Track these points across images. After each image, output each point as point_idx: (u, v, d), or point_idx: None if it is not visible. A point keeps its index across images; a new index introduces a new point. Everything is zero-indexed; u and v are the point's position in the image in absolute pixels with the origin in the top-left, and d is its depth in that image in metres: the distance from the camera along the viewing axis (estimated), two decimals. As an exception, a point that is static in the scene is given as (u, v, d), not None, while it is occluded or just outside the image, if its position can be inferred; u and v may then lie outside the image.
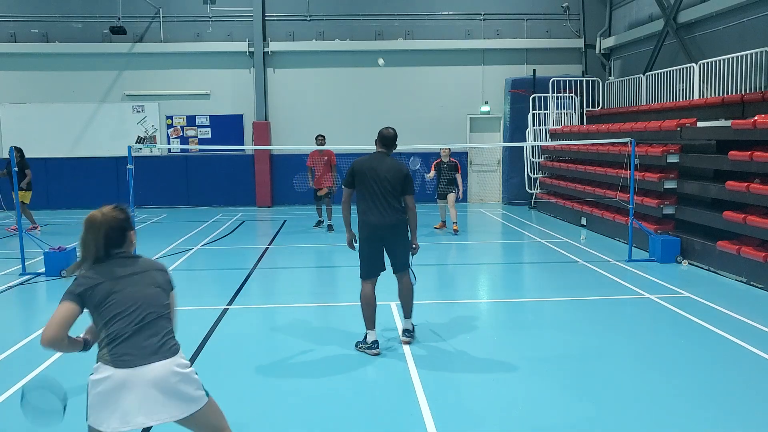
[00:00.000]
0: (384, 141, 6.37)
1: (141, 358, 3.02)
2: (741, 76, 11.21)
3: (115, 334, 3.06)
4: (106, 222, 3.14)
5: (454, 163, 13.01)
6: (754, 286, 8.31)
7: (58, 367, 5.68)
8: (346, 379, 5.38)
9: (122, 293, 3.09)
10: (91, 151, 18.33)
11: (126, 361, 3.01)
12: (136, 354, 3.02)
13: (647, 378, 5.28)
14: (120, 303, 3.08)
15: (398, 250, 6.23)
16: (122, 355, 3.02)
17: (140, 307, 3.10)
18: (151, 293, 3.15)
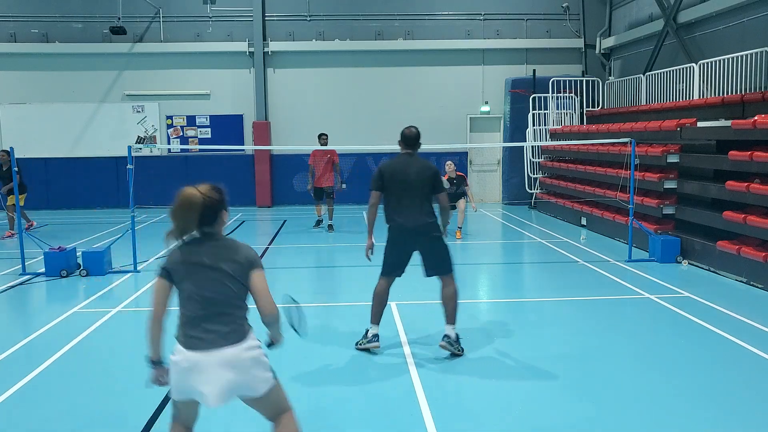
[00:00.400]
0: (407, 141, 6.23)
1: (209, 342, 3.14)
2: (741, 76, 11.21)
3: (188, 316, 3.21)
4: (203, 201, 3.23)
5: (461, 177, 12.57)
6: (754, 286, 8.31)
7: (59, 365, 5.69)
8: (346, 379, 5.38)
9: (199, 275, 3.20)
10: (91, 151, 18.33)
11: (196, 344, 3.15)
12: (204, 338, 3.14)
13: (647, 378, 5.28)
14: (195, 284, 3.20)
15: (434, 253, 5.97)
16: (192, 338, 3.17)
17: (213, 291, 3.19)
18: (226, 278, 3.21)
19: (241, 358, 3.16)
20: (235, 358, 3.14)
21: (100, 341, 6.43)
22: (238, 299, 3.26)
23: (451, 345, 5.84)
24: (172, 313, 3.32)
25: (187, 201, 3.26)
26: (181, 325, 3.23)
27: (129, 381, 5.36)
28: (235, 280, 3.24)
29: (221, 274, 3.22)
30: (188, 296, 3.21)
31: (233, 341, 3.16)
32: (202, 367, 3.13)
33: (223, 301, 3.20)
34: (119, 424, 4.56)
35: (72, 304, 7.80)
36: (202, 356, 3.13)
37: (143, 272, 9.57)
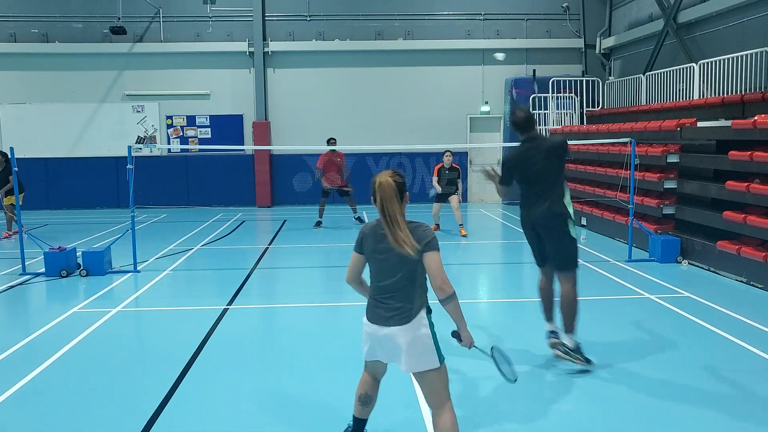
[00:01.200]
0: (517, 126, 5.61)
1: (381, 319, 3.60)
2: (741, 76, 11.21)
3: (371, 291, 3.71)
4: (387, 185, 3.52)
5: (456, 170, 12.75)
6: (754, 286, 8.31)
7: (59, 365, 5.69)
8: (346, 379, 5.38)
9: (381, 254, 3.59)
10: (91, 151, 18.33)
11: (371, 318, 3.65)
12: (377, 315, 3.62)
13: (647, 378, 5.28)
14: (376, 262, 3.64)
15: (551, 245, 5.46)
16: (369, 311, 3.68)
17: (389, 272, 3.58)
18: (400, 261, 3.53)
19: (402, 337, 3.56)
20: (397, 336, 3.57)
21: (100, 341, 6.43)
22: (412, 278, 3.63)
23: (569, 354, 5.36)
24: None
25: (377, 186, 3.61)
26: (369, 297, 3.76)
27: (129, 381, 5.36)
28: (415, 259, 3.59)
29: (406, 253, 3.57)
30: (373, 271, 3.75)
31: (397, 323, 3.58)
32: (375, 337, 3.66)
33: (399, 279, 3.63)
34: (119, 424, 4.56)
35: (72, 304, 7.80)
36: (374, 328, 3.67)
37: (143, 272, 9.57)
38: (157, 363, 5.80)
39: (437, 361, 3.57)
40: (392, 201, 3.50)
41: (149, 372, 5.58)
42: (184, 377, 5.41)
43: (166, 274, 9.52)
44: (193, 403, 4.90)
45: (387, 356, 3.69)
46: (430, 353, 3.56)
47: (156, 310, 7.80)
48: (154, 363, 5.82)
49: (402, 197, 3.57)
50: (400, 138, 17.80)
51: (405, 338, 3.53)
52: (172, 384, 5.24)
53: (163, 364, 5.73)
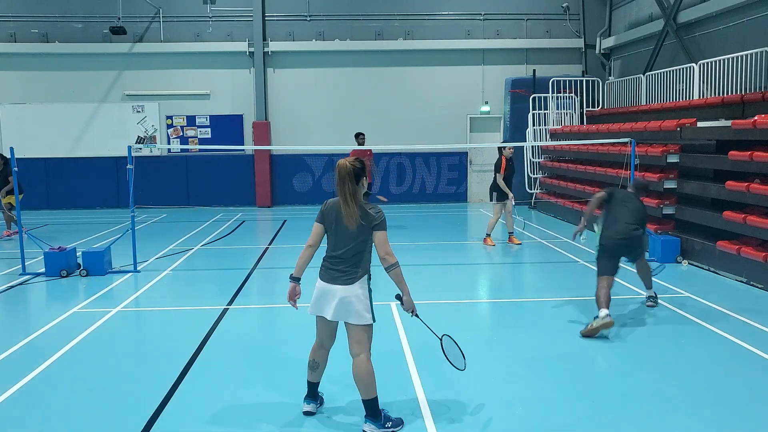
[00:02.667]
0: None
1: (331, 279, 4.42)
2: (741, 76, 11.21)
3: (326, 256, 4.49)
4: (343, 167, 4.26)
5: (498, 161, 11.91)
6: (754, 286, 8.31)
7: (59, 365, 5.69)
8: (346, 379, 5.37)
9: (338, 226, 4.36)
10: (91, 151, 18.33)
11: (323, 277, 4.49)
12: (328, 275, 4.44)
13: (647, 378, 5.28)
14: (333, 233, 4.43)
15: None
16: (323, 272, 4.50)
17: (343, 242, 4.37)
18: (352, 235, 4.32)
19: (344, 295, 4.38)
20: (342, 294, 4.39)
21: (100, 341, 6.43)
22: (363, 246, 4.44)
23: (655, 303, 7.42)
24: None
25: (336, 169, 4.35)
26: (323, 259, 4.57)
27: (129, 381, 5.37)
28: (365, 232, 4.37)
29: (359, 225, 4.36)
30: (330, 239, 4.56)
31: (344, 283, 4.40)
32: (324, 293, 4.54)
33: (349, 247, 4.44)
34: (119, 424, 4.56)
35: (72, 304, 7.80)
36: (325, 286, 4.58)
37: (143, 272, 9.58)
38: (157, 363, 5.80)
39: (370, 318, 4.37)
40: (345, 182, 4.23)
41: (149, 372, 5.58)
42: (184, 377, 5.41)
43: (166, 274, 9.52)
44: (193, 403, 4.90)
45: (329, 310, 4.39)
46: (365, 311, 4.34)
47: (156, 310, 7.80)
48: (154, 363, 5.82)
49: (357, 181, 4.27)
50: (400, 138, 17.80)
51: (345, 295, 4.32)
52: (173, 384, 5.25)
53: (163, 364, 5.73)
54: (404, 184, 18.74)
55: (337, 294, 4.34)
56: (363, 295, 4.35)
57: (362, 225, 4.27)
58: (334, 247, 4.41)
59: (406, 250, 11.31)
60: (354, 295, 4.32)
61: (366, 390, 4.38)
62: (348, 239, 4.33)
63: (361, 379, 4.38)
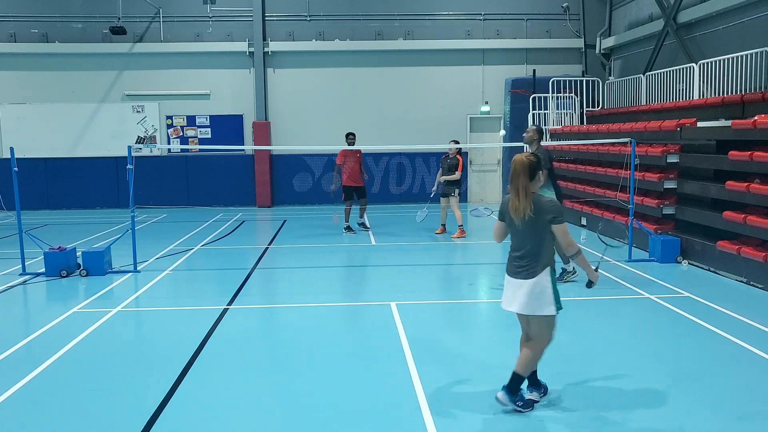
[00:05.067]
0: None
1: (513, 273, 4.54)
2: (741, 76, 11.21)
3: (510, 250, 4.60)
4: (519, 162, 4.38)
5: (455, 160, 12.38)
6: (754, 286, 8.31)
7: (59, 365, 5.69)
8: (346, 379, 5.38)
9: (512, 219, 4.47)
10: (91, 151, 18.33)
11: (508, 271, 4.60)
12: (511, 270, 4.57)
13: (647, 378, 5.28)
14: (512, 229, 4.54)
15: None
16: (507, 265, 4.61)
17: (517, 234, 4.51)
18: (528, 229, 4.42)
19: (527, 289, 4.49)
20: (524, 287, 4.50)
21: (100, 341, 6.43)
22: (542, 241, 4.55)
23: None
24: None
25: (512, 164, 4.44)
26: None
27: (129, 381, 5.37)
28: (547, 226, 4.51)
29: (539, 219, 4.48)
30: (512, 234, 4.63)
31: (525, 277, 4.50)
32: (509, 286, 4.59)
33: (530, 241, 4.55)
34: (119, 424, 4.56)
35: (72, 304, 7.80)
36: (509, 279, 4.61)
37: (143, 272, 9.58)
38: (157, 363, 5.80)
39: (553, 310, 4.50)
40: (520, 176, 4.34)
41: (149, 372, 5.58)
42: (184, 377, 5.41)
43: (166, 274, 9.52)
44: (194, 403, 4.90)
45: (516, 304, 4.52)
46: (548, 303, 4.46)
47: (156, 310, 7.80)
48: (154, 363, 5.82)
49: (533, 176, 4.36)
50: (400, 138, 17.80)
51: (528, 288, 4.44)
52: (173, 384, 5.24)
53: (163, 364, 5.73)
54: (404, 184, 18.74)
55: (521, 287, 4.46)
56: (545, 288, 4.45)
57: (534, 219, 4.37)
58: (513, 241, 4.58)
59: (407, 250, 11.32)
60: (536, 287, 4.44)
61: (523, 366, 4.55)
62: (523, 233, 4.46)
63: (527, 357, 4.55)
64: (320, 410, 4.75)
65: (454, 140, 12.91)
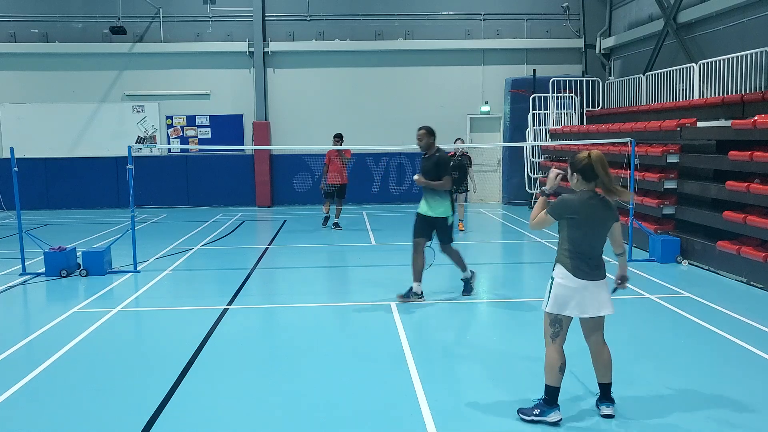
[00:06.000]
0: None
1: (594, 276, 4.36)
2: (741, 76, 11.21)
3: (579, 252, 4.36)
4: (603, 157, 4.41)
5: (466, 159, 12.85)
6: (754, 286, 8.31)
7: (59, 365, 5.69)
8: (346, 379, 5.38)
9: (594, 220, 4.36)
10: (91, 151, 18.33)
11: (585, 276, 4.34)
12: (590, 274, 4.36)
13: (647, 378, 5.28)
14: (586, 228, 4.35)
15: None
16: (581, 270, 4.35)
17: (597, 234, 4.39)
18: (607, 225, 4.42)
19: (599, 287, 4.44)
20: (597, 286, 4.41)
21: (100, 341, 6.43)
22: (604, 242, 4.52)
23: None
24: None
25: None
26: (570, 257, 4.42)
27: (129, 381, 5.37)
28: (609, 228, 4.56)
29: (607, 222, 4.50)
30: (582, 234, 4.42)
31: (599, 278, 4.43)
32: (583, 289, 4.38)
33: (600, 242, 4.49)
34: (119, 424, 4.56)
35: (72, 304, 7.80)
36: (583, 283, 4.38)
37: (143, 272, 9.58)
38: (157, 363, 5.80)
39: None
40: (608, 171, 4.37)
41: (149, 372, 5.57)
42: (184, 377, 5.41)
43: (166, 274, 9.52)
44: (194, 403, 4.90)
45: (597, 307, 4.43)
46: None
47: (156, 310, 7.80)
48: (154, 363, 5.82)
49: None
50: (400, 138, 17.77)
51: (606, 287, 4.43)
52: (173, 384, 5.24)
53: (163, 364, 5.73)
54: (404, 184, 18.74)
55: (603, 288, 4.39)
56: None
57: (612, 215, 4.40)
58: (585, 242, 4.35)
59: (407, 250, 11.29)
60: (605, 287, 4.42)
61: (609, 373, 4.57)
62: (602, 233, 4.40)
63: (610, 363, 4.56)
64: (320, 410, 4.75)
65: (459, 138, 13.46)
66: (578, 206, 4.32)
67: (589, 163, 4.31)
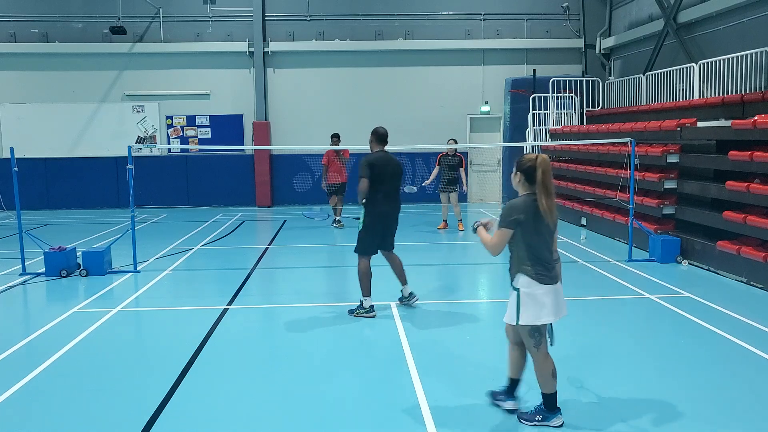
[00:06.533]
0: (380, 139, 7.49)
1: (555, 279, 4.38)
2: (741, 76, 11.21)
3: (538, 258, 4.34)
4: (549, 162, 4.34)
5: (458, 158, 13.10)
6: (754, 286, 8.31)
7: (59, 365, 5.69)
8: (346, 379, 5.38)
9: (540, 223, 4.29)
10: (91, 151, 18.33)
11: (549, 281, 4.33)
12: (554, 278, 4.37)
13: (647, 378, 5.28)
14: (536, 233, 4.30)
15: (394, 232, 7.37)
16: (545, 276, 4.33)
17: (549, 237, 4.36)
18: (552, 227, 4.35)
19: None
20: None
21: (100, 341, 6.43)
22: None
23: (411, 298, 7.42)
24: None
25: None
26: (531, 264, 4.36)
27: (129, 381, 5.37)
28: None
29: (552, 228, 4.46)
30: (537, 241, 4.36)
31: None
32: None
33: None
34: (119, 424, 4.56)
35: (72, 304, 7.81)
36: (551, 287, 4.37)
37: (143, 272, 9.58)
38: (158, 363, 5.80)
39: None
40: (551, 177, 4.30)
41: (149, 372, 5.58)
42: (184, 377, 5.41)
43: (166, 274, 9.52)
44: (194, 403, 4.90)
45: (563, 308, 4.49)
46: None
47: (156, 310, 7.80)
48: (155, 363, 5.82)
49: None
50: (400, 138, 17.76)
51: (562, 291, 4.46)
52: (172, 384, 5.25)
53: (164, 364, 5.73)
54: (404, 184, 18.64)
55: (561, 290, 4.43)
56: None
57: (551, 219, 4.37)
58: (542, 247, 4.34)
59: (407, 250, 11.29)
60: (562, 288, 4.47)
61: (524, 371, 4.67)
62: (550, 236, 4.39)
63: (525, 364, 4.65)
64: (320, 410, 4.76)
65: (452, 139, 13.65)
66: (523, 207, 4.29)
67: (533, 165, 4.25)
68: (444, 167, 13.06)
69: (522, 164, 4.32)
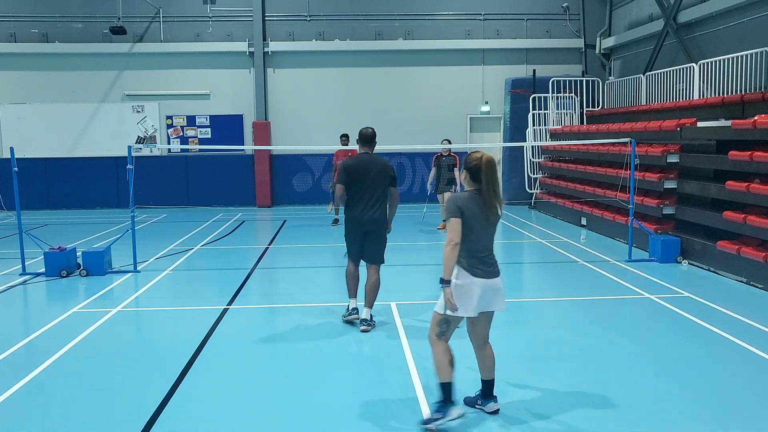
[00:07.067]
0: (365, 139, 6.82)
1: (489, 274, 4.45)
2: (741, 76, 11.21)
3: (472, 250, 4.42)
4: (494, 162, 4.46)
5: (453, 158, 13.11)
6: (754, 286, 8.31)
7: (59, 365, 5.69)
8: (346, 379, 5.38)
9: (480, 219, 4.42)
10: (91, 151, 18.33)
11: (480, 274, 4.41)
12: (487, 272, 4.45)
13: (647, 378, 5.28)
14: (473, 227, 4.40)
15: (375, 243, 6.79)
16: (478, 269, 4.41)
17: (486, 233, 4.48)
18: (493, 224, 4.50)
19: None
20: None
21: (100, 341, 6.43)
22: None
23: (369, 323, 6.63)
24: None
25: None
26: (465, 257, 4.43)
27: (129, 381, 5.37)
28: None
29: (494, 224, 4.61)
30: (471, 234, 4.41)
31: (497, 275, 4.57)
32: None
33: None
34: (119, 424, 4.56)
35: (72, 304, 7.80)
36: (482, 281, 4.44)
37: (143, 272, 9.57)
38: (158, 363, 5.80)
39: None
40: (495, 174, 4.42)
41: (149, 372, 5.58)
42: (185, 377, 5.41)
43: (166, 274, 9.52)
44: (194, 403, 4.90)
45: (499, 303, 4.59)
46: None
47: (156, 310, 7.80)
48: (155, 363, 5.82)
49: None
50: (400, 138, 17.80)
51: (500, 285, 4.53)
52: (173, 384, 5.25)
53: (164, 364, 5.73)
54: (404, 184, 18.74)
55: (498, 286, 4.49)
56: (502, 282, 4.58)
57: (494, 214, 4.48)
58: (480, 242, 4.44)
59: (407, 250, 11.31)
60: (501, 283, 4.54)
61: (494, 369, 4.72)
62: (490, 232, 4.50)
63: (494, 359, 4.73)
64: (320, 410, 4.75)
65: (446, 139, 13.79)
66: (465, 201, 4.41)
67: (478, 164, 4.38)
68: (444, 167, 13.07)
69: (468, 163, 4.47)
